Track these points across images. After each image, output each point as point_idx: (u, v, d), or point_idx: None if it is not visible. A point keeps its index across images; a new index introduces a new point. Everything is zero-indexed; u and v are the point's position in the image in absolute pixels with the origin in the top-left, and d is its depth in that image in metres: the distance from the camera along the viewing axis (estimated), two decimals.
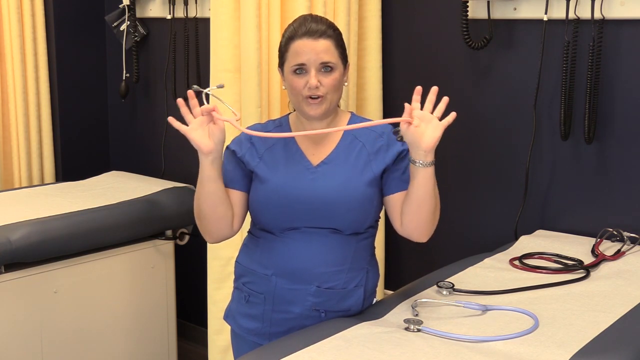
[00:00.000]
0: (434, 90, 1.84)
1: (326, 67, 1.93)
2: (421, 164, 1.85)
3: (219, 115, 1.88)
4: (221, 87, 1.96)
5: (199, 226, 2.04)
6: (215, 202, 1.96)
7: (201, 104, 1.90)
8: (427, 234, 1.99)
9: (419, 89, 1.83)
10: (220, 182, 1.96)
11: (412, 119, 1.81)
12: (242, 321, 2.07)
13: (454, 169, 2.80)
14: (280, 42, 2.00)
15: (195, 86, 1.91)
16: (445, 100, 1.85)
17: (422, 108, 1.83)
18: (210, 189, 1.95)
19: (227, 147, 2.07)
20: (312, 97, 1.93)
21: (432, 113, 1.83)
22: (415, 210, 1.93)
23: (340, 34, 2.00)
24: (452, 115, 1.83)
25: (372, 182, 1.97)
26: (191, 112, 1.90)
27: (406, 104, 1.82)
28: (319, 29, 1.94)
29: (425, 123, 1.81)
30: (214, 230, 2.01)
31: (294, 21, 2.00)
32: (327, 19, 2.01)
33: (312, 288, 1.96)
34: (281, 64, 2.00)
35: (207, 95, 1.93)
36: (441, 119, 1.83)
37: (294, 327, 1.97)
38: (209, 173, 1.93)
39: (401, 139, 1.86)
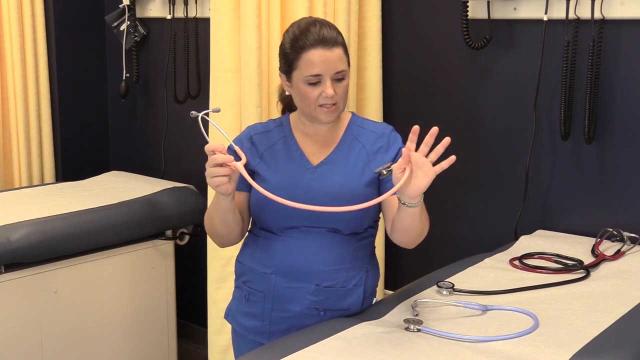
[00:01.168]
0: (433, 132, 1.72)
1: (340, 76, 1.92)
2: (405, 204, 1.80)
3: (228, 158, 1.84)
4: (217, 110, 1.97)
5: (213, 240, 2.08)
6: (232, 225, 1.99)
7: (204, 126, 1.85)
8: (412, 246, 1.99)
9: (416, 129, 1.70)
10: (236, 210, 1.98)
11: (409, 166, 1.70)
12: (242, 320, 2.08)
13: (454, 169, 2.78)
14: (285, 47, 1.95)
15: (193, 112, 1.87)
16: (446, 141, 1.71)
17: (417, 149, 1.72)
18: (228, 218, 1.97)
19: (229, 148, 2.07)
20: (326, 105, 1.93)
21: (427, 155, 1.72)
22: (400, 232, 1.92)
23: (344, 39, 1.99)
24: (450, 159, 1.70)
25: (370, 182, 1.98)
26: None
27: (404, 150, 1.70)
28: (332, 36, 1.91)
29: (416, 167, 1.70)
30: (228, 242, 2.07)
31: (298, 26, 1.95)
32: (332, 23, 1.98)
33: (311, 286, 1.96)
34: (288, 71, 1.96)
35: (206, 116, 1.88)
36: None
37: (294, 325, 1.98)
38: (227, 206, 1.94)
39: (384, 176, 1.80)
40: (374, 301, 2.06)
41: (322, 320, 1.95)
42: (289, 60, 1.94)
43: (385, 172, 1.78)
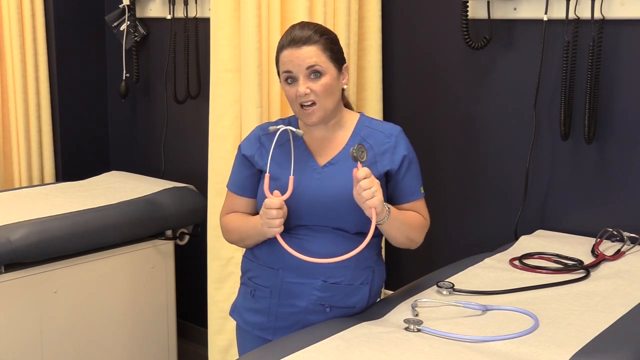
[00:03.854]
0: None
1: (315, 73, 1.95)
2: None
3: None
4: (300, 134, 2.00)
5: (231, 243, 2.17)
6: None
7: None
8: (411, 248, 2.09)
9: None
10: None
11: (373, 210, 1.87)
12: (247, 315, 2.10)
13: (454, 169, 2.80)
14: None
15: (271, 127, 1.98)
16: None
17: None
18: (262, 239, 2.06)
19: (239, 149, 2.09)
20: (305, 105, 1.96)
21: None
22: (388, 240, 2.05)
23: (329, 38, 2.01)
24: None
25: None
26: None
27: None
28: (303, 35, 1.97)
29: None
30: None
31: (285, 31, 2.04)
32: (315, 24, 2.03)
33: (318, 282, 1.98)
34: (278, 74, 2.05)
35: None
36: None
37: (299, 321, 1.99)
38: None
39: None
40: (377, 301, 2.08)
41: (328, 317, 1.97)
42: (276, 64, 2.04)
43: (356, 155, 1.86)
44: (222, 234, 2.16)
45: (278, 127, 1.97)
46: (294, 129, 1.97)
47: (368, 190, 1.85)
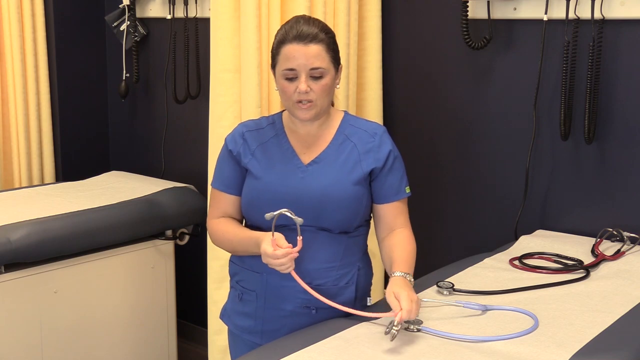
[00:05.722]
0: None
1: (316, 73, 1.93)
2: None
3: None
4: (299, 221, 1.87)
5: (223, 249, 2.13)
6: None
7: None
8: None
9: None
10: None
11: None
12: (236, 319, 2.09)
13: (454, 169, 2.80)
14: (273, 44, 2.00)
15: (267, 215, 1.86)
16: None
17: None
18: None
19: (225, 144, 2.08)
20: (302, 101, 1.94)
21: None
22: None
23: (332, 37, 1.99)
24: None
25: (360, 180, 1.98)
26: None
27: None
28: (310, 32, 1.92)
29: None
30: None
31: (287, 22, 1.99)
32: (320, 21, 2.00)
33: None
34: (273, 66, 2.00)
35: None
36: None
37: (286, 324, 1.99)
38: None
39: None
40: (369, 302, 2.06)
41: (315, 319, 1.96)
42: (272, 55, 1.99)
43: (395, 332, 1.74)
44: (210, 238, 2.11)
45: (274, 213, 1.84)
46: (293, 216, 1.84)
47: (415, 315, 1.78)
